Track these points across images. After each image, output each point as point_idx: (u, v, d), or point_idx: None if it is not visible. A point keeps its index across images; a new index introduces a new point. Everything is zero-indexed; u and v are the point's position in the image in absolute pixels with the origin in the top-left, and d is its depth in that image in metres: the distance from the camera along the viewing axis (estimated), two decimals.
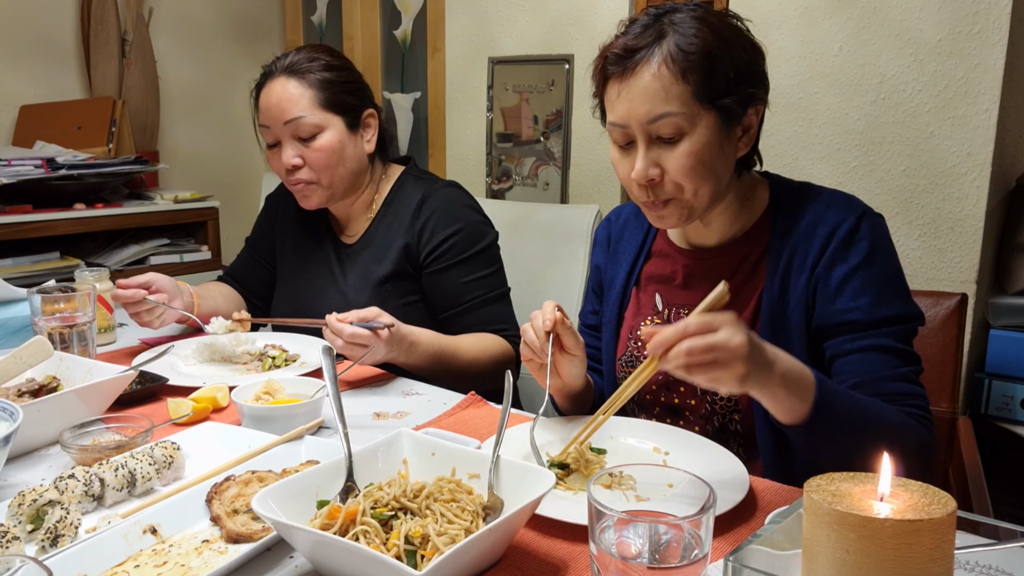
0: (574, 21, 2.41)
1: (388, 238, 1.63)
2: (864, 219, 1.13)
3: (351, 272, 1.66)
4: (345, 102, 1.58)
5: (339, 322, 1.33)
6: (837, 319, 1.10)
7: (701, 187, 1.10)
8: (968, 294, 1.61)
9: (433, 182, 1.68)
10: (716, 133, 1.08)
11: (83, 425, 1.09)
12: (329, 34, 3.12)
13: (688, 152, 1.07)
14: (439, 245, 1.59)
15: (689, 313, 1.22)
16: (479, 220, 1.65)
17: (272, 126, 1.56)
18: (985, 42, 1.78)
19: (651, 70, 1.06)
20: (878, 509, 0.61)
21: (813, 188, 1.20)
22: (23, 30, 2.65)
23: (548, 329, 1.10)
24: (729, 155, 1.12)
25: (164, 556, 0.83)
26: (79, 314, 1.41)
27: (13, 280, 1.73)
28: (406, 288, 1.62)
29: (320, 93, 1.55)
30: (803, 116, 2.04)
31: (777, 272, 1.15)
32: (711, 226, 1.21)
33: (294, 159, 1.56)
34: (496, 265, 1.65)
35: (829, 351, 1.12)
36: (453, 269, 1.60)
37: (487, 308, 1.60)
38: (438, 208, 1.61)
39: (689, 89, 1.05)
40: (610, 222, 1.40)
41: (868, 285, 1.10)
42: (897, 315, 1.10)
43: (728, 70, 1.07)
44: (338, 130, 1.57)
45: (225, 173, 3.24)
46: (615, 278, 1.34)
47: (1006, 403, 1.88)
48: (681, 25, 1.07)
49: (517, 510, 0.78)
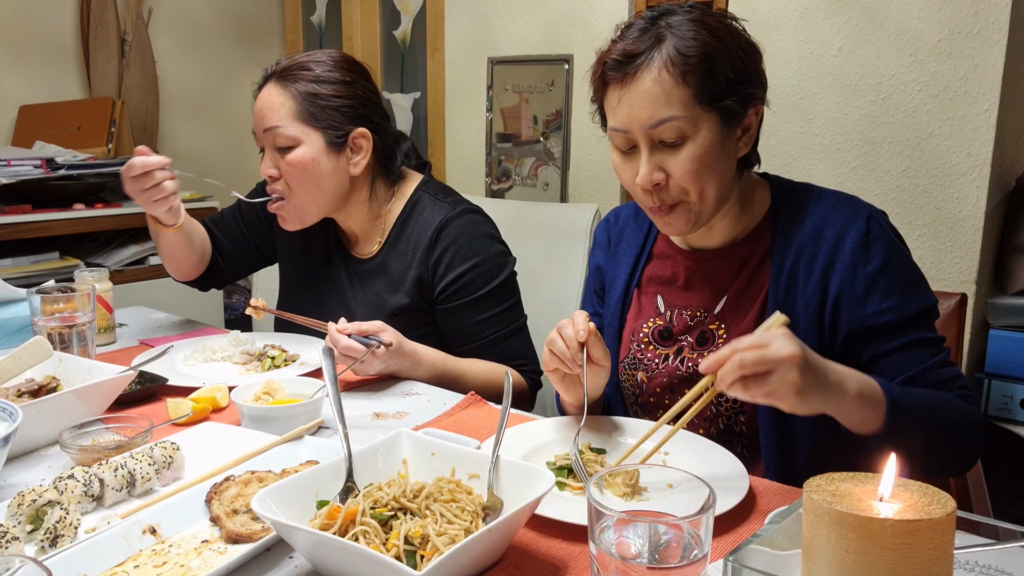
0: (574, 21, 2.41)
1: (402, 267, 1.55)
2: (872, 219, 1.13)
3: (363, 297, 1.60)
4: (329, 118, 1.47)
5: (338, 332, 1.33)
6: (870, 323, 1.11)
7: (706, 189, 1.10)
8: (968, 294, 1.61)
9: (452, 206, 1.55)
10: (718, 134, 1.08)
11: (82, 425, 1.09)
12: (329, 34, 3.12)
13: (692, 156, 1.07)
14: (454, 281, 1.51)
15: (691, 315, 1.23)
16: (497, 251, 1.56)
17: (256, 131, 1.52)
18: (985, 42, 1.78)
19: (651, 75, 1.05)
20: (878, 509, 0.61)
21: (814, 189, 1.21)
22: (23, 30, 2.65)
23: (582, 340, 1.08)
24: (731, 155, 1.12)
25: (164, 556, 0.83)
26: (79, 314, 1.41)
27: (13, 280, 1.73)
28: (419, 320, 1.55)
29: (301, 105, 1.46)
30: (803, 116, 2.04)
31: (783, 274, 1.15)
32: (713, 228, 1.21)
33: (270, 169, 1.50)
34: (513, 298, 1.57)
35: (867, 354, 1.13)
36: (468, 307, 1.52)
37: (502, 345, 1.53)
38: (455, 240, 1.51)
39: (690, 92, 1.05)
40: (609, 223, 1.40)
41: (894, 285, 1.11)
42: (924, 308, 1.12)
43: (727, 71, 1.07)
44: (314, 147, 1.47)
45: (225, 173, 3.24)
46: (616, 280, 1.33)
47: (1006, 403, 1.88)
48: (679, 28, 1.07)
49: (517, 510, 0.78)
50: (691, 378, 1.20)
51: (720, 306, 1.21)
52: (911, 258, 1.15)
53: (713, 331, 1.20)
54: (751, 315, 1.17)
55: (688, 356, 1.21)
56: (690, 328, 1.23)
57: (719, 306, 1.21)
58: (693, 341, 1.22)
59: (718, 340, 1.19)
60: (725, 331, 1.19)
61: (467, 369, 1.48)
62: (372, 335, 1.34)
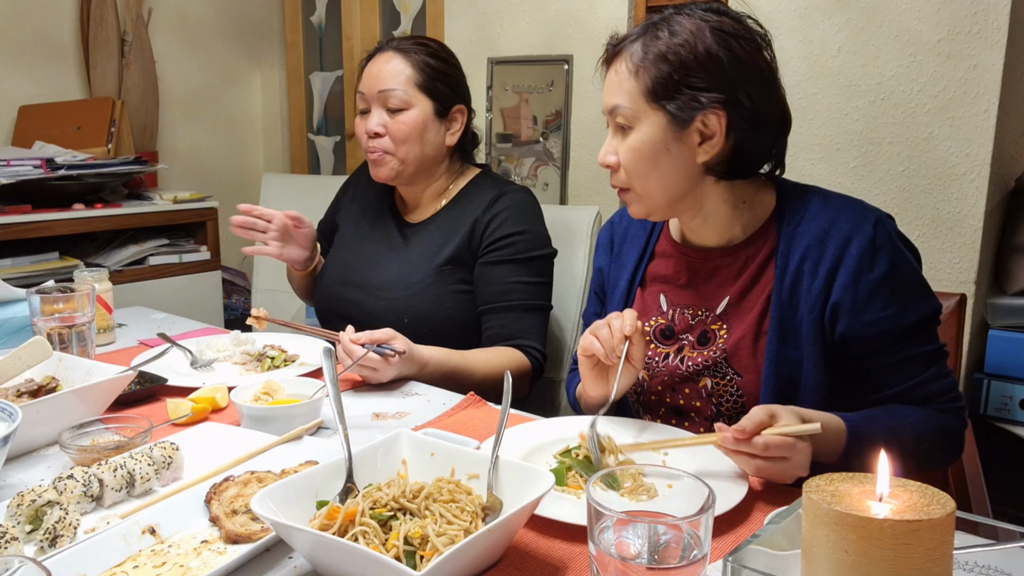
0: (573, 21, 2.41)
1: (457, 224, 1.67)
2: (879, 226, 1.13)
3: (413, 248, 1.69)
4: (438, 89, 1.65)
5: (352, 343, 1.35)
6: (868, 331, 1.12)
7: (646, 183, 1.15)
8: (967, 294, 1.61)
9: (510, 184, 1.73)
10: (663, 133, 1.12)
11: (82, 425, 1.09)
12: (329, 34, 3.12)
13: (629, 146, 1.14)
14: (500, 239, 1.63)
15: (692, 314, 1.23)
16: (544, 231, 1.68)
17: (367, 92, 1.65)
18: (984, 43, 1.78)
19: (617, 64, 1.14)
20: (877, 509, 0.61)
21: (820, 191, 1.20)
22: (23, 30, 2.65)
23: (628, 334, 1.11)
24: (680, 159, 1.13)
25: (163, 557, 0.83)
26: (78, 314, 1.41)
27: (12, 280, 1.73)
28: (462, 276, 1.65)
29: (418, 74, 1.63)
30: (802, 116, 2.04)
31: (787, 275, 1.15)
32: (707, 227, 1.22)
33: (377, 126, 1.64)
34: (546, 278, 1.68)
35: (863, 366, 1.15)
36: (505, 265, 1.62)
37: (523, 314, 1.61)
38: (510, 207, 1.65)
39: (638, 87, 1.11)
40: (613, 224, 1.41)
41: (894, 294, 1.12)
42: (923, 317, 1.13)
43: (683, 76, 1.09)
44: (425, 112, 1.64)
45: (224, 173, 3.24)
46: (619, 279, 1.34)
47: (1005, 403, 1.88)
48: (668, 26, 1.11)
49: (516, 510, 0.78)
50: (691, 377, 1.20)
51: (722, 306, 1.21)
52: (915, 264, 1.15)
53: (715, 331, 1.20)
54: (753, 316, 1.17)
55: (688, 355, 1.21)
56: (691, 327, 1.23)
57: (721, 306, 1.21)
58: (694, 340, 1.22)
59: (719, 340, 1.19)
60: (726, 331, 1.19)
61: (472, 362, 1.51)
62: (384, 343, 1.35)
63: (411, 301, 1.62)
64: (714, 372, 1.18)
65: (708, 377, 1.19)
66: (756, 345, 1.16)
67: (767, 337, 1.15)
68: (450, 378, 1.46)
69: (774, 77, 1.16)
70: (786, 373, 1.14)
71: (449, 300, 1.62)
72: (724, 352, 1.18)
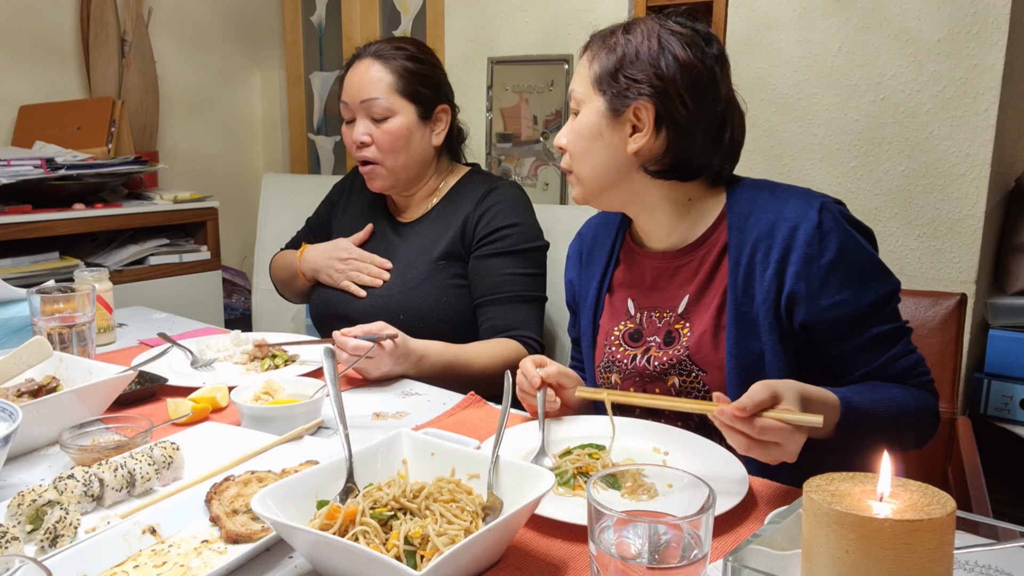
0: (573, 21, 2.41)
1: (450, 220, 1.69)
2: (824, 211, 1.13)
3: (407, 245, 1.71)
4: (420, 93, 1.66)
5: (343, 336, 1.35)
6: (827, 316, 1.12)
7: (582, 166, 1.21)
8: (967, 294, 1.61)
9: (500, 179, 1.75)
10: (599, 118, 1.18)
11: (82, 425, 1.09)
12: (328, 34, 3.12)
13: (573, 127, 1.21)
14: (493, 232, 1.65)
15: (659, 316, 1.24)
16: (535, 224, 1.70)
17: (350, 103, 1.66)
18: (984, 42, 1.78)
19: (585, 55, 1.23)
20: (877, 509, 0.61)
21: (768, 184, 1.23)
22: (23, 30, 2.65)
23: (537, 386, 1.19)
24: (612, 146, 1.19)
25: (163, 556, 0.83)
26: (78, 314, 1.41)
27: (12, 280, 1.73)
28: (456, 271, 1.67)
29: (398, 80, 1.64)
30: (802, 116, 2.04)
31: (740, 268, 1.17)
32: (657, 227, 1.25)
33: (363, 136, 1.65)
34: (540, 269, 1.70)
35: (827, 352, 1.15)
36: (499, 258, 1.64)
37: (519, 305, 1.63)
38: (501, 201, 1.67)
39: (589, 74, 1.19)
40: (581, 237, 1.44)
41: (848, 277, 1.12)
42: (880, 297, 1.13)
43: (623, 67, 1.16)
44: (408, 118, 1.65)
45: (224, 173, 3.24)
46: (588, 288, 1.36)
47: (1005, 403, 1.88)
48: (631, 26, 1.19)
49: (516, 510, 0.79)
50: (659, 376, 1.23)
51: (683, 305, 1.23)
52: (868, 246, 1.16)
53: (678, 330, 1.23)
54: (711, 311, 1.19)
55: (655, 355, 1.24)
56: (658, 329, 1.25)
57: (682, 305, 1.23)
58: (660, 341, 1.24)
59: (683, 338, 1.21)
60: (689, 329, 1.21)
61: (470, 354, 1.52)
62: (376, 334, 1.35)
63: (407, 297, 1.63)
64: (679, 370, 1.20)
65: (675, 376, 1.21)
66: (716, 340, 1.17)
67: (726, 331, 1.16)
68: (449, 370, 1.47)
69: (713, 80, 1.16)
70: (749, 365, 1.15)
71: (444, 295, 1.63)
72: (687, 350, 1.20)
